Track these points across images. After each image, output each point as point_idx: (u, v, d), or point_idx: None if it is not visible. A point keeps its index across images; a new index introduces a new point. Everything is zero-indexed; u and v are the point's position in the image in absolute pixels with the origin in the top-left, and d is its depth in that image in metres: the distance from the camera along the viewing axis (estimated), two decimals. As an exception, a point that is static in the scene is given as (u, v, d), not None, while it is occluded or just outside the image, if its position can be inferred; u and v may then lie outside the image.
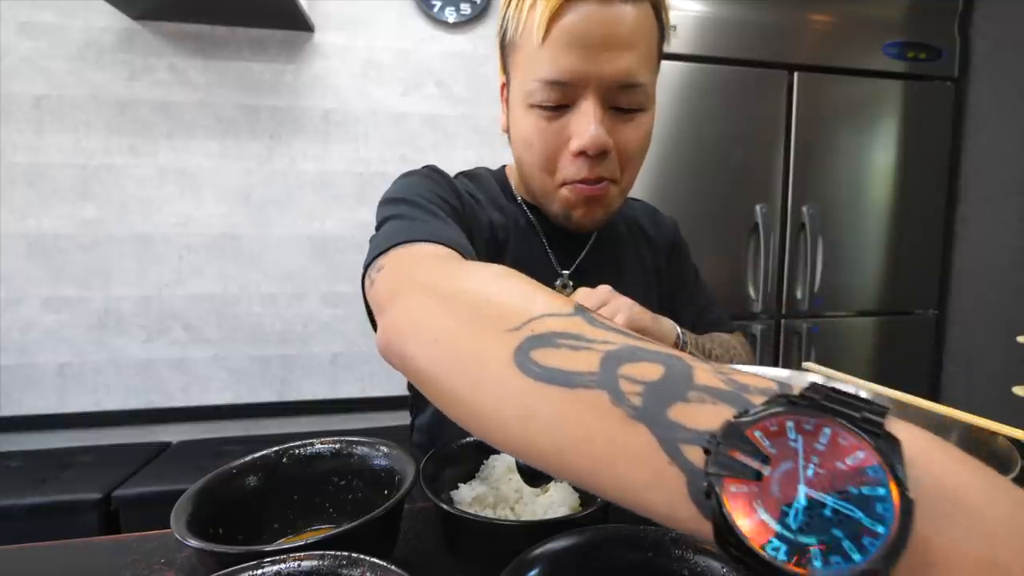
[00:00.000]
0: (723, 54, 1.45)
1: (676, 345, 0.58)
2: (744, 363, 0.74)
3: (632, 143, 0.58)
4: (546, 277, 0.69)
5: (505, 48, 0.58)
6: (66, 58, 1.70)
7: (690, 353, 0.60)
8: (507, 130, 0.63)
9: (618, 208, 0.65)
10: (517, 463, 0.43)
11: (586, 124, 0.53)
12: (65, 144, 1.72)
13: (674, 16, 1.41)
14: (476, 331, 0.27)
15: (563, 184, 0.59)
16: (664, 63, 1.57)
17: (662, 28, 0.57)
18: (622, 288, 0.71)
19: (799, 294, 1.56)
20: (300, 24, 1.76)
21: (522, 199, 0.68)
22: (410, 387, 0.71)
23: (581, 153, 0.55)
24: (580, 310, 0.27)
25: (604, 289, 0.53)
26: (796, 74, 1.50)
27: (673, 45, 1.42)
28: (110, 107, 1.73)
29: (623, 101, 0.55)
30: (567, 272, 0.69)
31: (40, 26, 1.68)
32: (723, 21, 1.45)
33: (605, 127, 0.54)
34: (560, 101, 0.54)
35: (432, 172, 0.62)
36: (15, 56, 1.67)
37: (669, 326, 0.58)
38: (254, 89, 1.81)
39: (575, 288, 0.69)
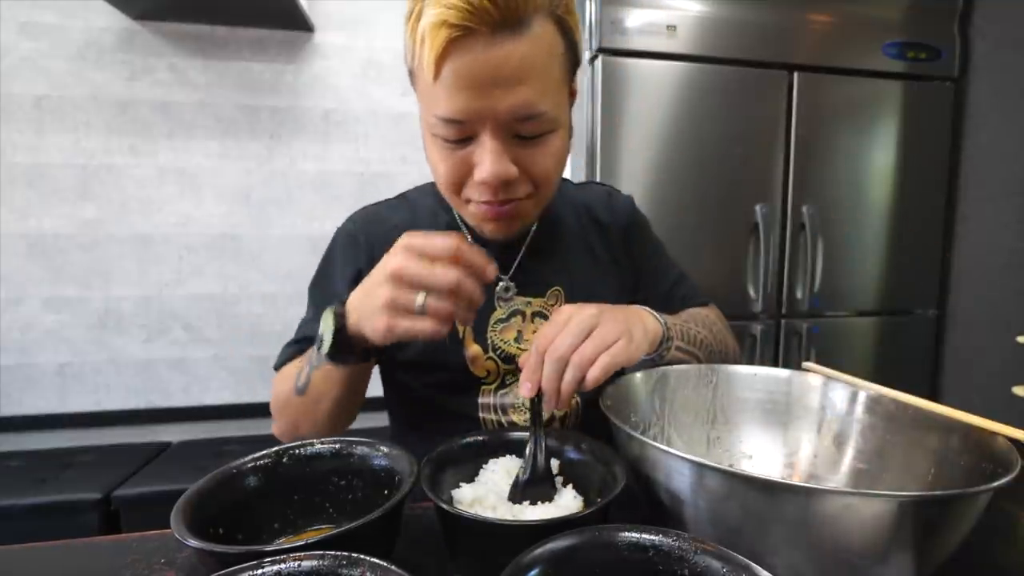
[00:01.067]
0: (723, 54, 1.45)
1: (662, 340, 0.56)
2: (726, 337, 0.72)
3: (540, 166, 0.56)
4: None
5: (409, 73, 0.57)
6: (66, 58, 1.70)
7: (676, 347, 0.58)
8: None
9: (537, 215, 0.65)
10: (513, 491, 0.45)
11: (485, 158, 0.53)
12: (65, 144, 1.72)
13: (674, 16, 1.41)
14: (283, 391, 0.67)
15: (470, 201, 0.59)
16: (664, 63, 1.55)
17: (571, 42, 0.55)
18: (568, 279, 0.70)
19: (799, 294, 1.56)
20: (300, 24, 1.76)
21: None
22: (384, 394, 0.77)
23: (484, 182, 0.55)
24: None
25: (587, 316, 0.49)
26: (796, 74, 1.49)
27: (673, 45, 1.42)
28: (110, 107, 1.73)
29: (524, 130, 0.53)
30: (507, 275, 0.69)
31: (40, 26, 1.68)
32: (723, 21, 1.45)
33: (509, 156, 0.54)
34: (459, 136, 0.53)
35: (346, 244, 0.70)
36: (15, 56, 1.67)
37: (654, 325, 0.56)
38: (254, 89, 1.81)
39: (518, 291, 0.69)
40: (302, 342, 0.71)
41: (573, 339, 0.47)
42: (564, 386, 0.46)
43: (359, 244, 0.69)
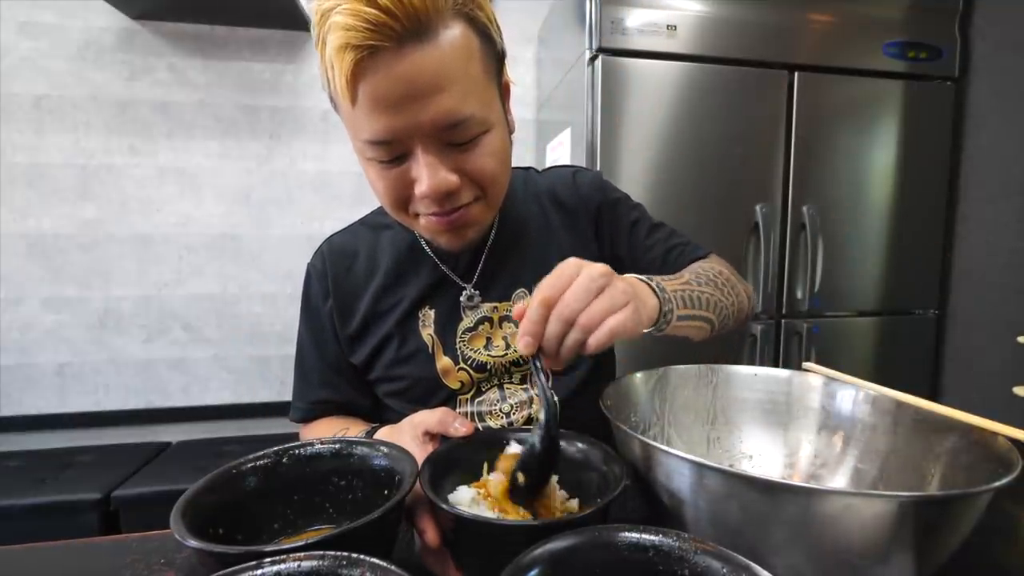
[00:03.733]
0: (723, 54, 1.45)
1: (660, 314, 0.51)
2: (735, 286, 0.67)
3: (481, 169, 0.55)
4: (451, 295, 0.68)
5: (330, 99, 0.55)
6: (66, 58, 1.70)
7: (678, 316, 0.53)
8: None
9: (491, 218, 0.65)
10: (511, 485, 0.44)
11: (422, 173, 0.52)
12: (65, 144, 1.72)
13: (674, 16, 1.41)
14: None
15: (419, 215, 0.58)
16: (664, 63, 1.55)
17: (486, 36, 0.53)
18: (534, 278, 0.67)
19: (799, 294, 1.55)
20: (300, 24, 1.76)
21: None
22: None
23: (426, 197, 0.54)
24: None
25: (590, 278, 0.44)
26: (796, 74, 1.49)
27: (673, 45, 1.42)
28: (110, 107, 1.73)
29: (455, 138, 0.52)
30: (471, 283, 0.69)
31: (40, 26, 1.68)
32: (723, 21, 1.44)
33: (447, 165, 0.53)
34: (391, 155, 0.52)
35: (318, 279, 0.71)
36: (15, 56, 1.67)
37: (650, 298, 0.51)
38: (254, 89, 1.81)
39: (483, 297, 0.68)
40: (324, 404, 0.73)
41: (585, 296, 0.42)
42: (565, 349, 0.42)
43: (327, 278, 0.71)
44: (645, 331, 0.51)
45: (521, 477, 0.43)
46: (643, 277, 0.53)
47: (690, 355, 0.66)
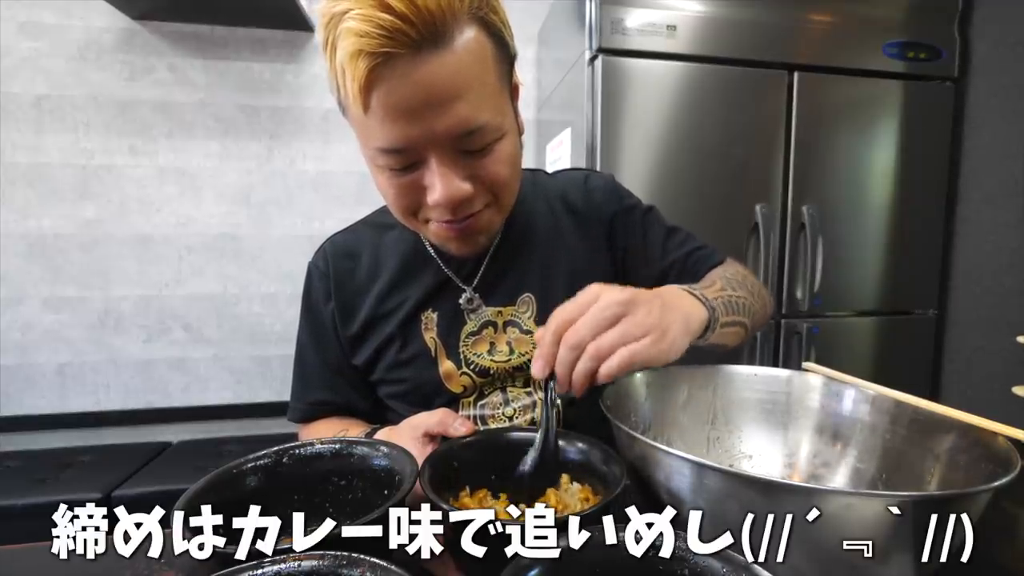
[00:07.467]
0: (723, 54, 1.45)
1: (709, 324, 0.52)
2: (760, 290, 0.68)
3: (494, 176, 0.55)
4: (454, 299, 0.68)
5: (339, 104, 0.54)
6: (66, 58, 1.70)
7: (721, 323, 0.54)
8: None
9: (501, 223, 0.64)
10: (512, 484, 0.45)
11: (435, 182, 0.51)
12: (65, 144, 1.72)
13: (674, 16, 1.41)
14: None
15: (429, 221, 0.58)
16: (664, 63, 1.55)
17: (500, 40, 0.52)
18: (540, 283, 0.68)
19: (799, 294, 1.55)
20: (300, 24, 1.76)
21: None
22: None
23: (439, 205, 0.53)
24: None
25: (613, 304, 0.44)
26: (796, 74, 1.49)
27: (673, 45, 1.42)
28: (110, 107, 1.73)
29: (469, 145, 0.51)
30: (471, 286, 0.68)
31: (40, 26, 1.68)
32: (723, 21, 1.44)
33: (460, 173, 0.52)
34: (403, 163, 0.52)
35: (320, 278, 0.71)
36: (15, 56, 1.67)
37: (697, 311, 0.51)
38: (254, 89, 1.81)
39: (486, 301, 0.68)
40: (323, 405, 0.73)
41: (594, 326, 0.42)
42: (576, 376, 0.42)
43: (329, 279, 0.70)
44: (693, 343, 0.50)
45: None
46: (686, 287, 0.53)
47: (690, 355, 0.66)
